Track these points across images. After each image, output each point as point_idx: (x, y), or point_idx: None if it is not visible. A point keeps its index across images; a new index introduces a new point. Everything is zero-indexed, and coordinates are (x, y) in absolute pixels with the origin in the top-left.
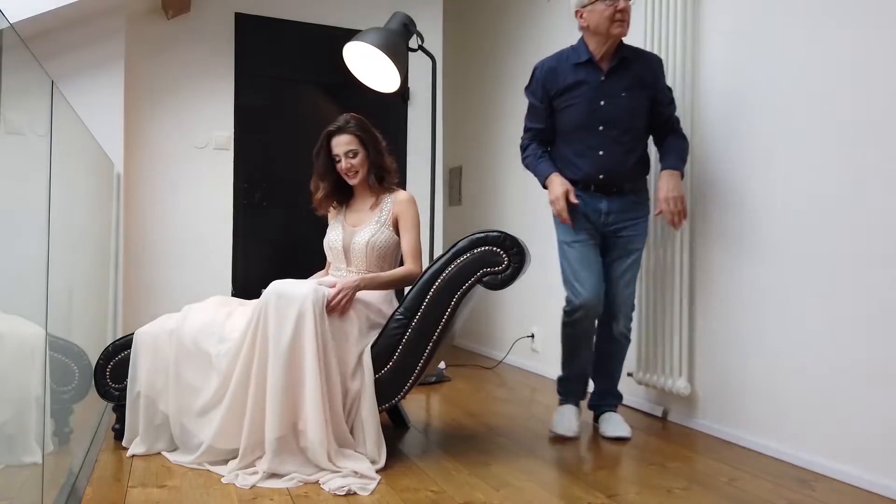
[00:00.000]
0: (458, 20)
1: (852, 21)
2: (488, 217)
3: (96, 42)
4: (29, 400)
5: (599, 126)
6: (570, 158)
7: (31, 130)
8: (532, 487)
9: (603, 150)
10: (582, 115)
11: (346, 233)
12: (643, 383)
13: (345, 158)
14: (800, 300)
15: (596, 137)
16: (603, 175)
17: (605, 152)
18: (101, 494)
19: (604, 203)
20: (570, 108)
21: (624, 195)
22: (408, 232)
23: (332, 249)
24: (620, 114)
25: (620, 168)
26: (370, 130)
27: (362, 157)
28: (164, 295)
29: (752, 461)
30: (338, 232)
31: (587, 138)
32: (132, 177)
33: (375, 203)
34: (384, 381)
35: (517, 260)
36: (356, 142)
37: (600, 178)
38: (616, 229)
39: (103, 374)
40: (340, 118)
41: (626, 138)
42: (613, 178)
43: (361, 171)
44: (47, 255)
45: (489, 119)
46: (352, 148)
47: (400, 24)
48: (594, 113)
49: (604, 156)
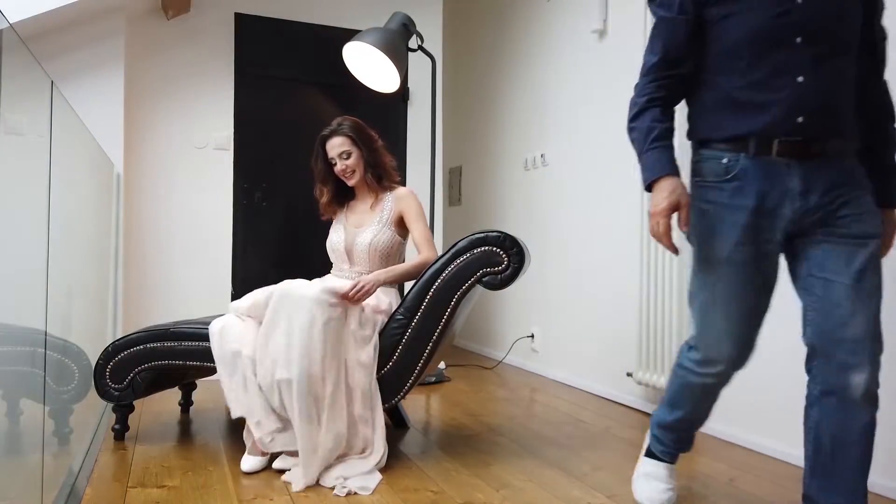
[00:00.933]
0: (458, 20)
1: None
2: (488, 217)
3: (96, 42)
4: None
5: (796, 38)
6: (735, 99)
7: (30, 131)
8: (532, 488)
9: (803, 75)
10: (763, 22)
11: (347, 234)
12: (642, 383)
13: (339, 160)
14: None
15: (791, 56)
16: (804, 118)
17: (808, 79)
18: (101, 494)
19: (795, 177)
20: (738, 15)
21: (832, 160)
22: (415, 223)
23: (334, 251)
24: (829, 18)
25: (835, 105)
26: (363, 130)
27: (356, 156)
28: (163, 295)
29: (753, 461)
30: (339, 233)
31: (774, 58)
32: (132, 177)
33: (376, 202)
34: (384, 380)
35: (517, 260)
36: (348, 142)
37: (798, 121)
38: (827, 214)
39: (103, 374)
40: (333, 122)
41: (841, 61)
42: (821, 123)
43: (358, 171)
44: (47, 255)
45: (489, 119)
46: (345, 149)
47: (400, 24)
48: (785, 17)
49: (805, 84)
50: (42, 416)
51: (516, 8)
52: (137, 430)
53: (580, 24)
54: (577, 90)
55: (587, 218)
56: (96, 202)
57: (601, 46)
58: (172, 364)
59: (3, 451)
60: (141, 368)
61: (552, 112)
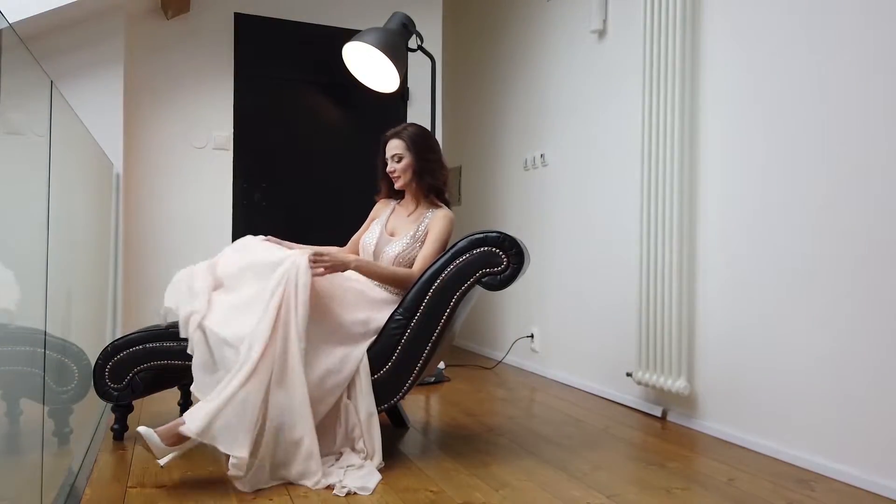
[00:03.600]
0: (458, 20)
1: (854, 20)
2: (488, 217)
3: (96, 42)
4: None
5: None
6: None
7: (30, 130)
8: (532, 487)
9: None
10: None
11: (381, 239)
12: (642, 383)
13: (391, 162)
14: (800, 300)
15: None
16: None
17: None
18: (101, 494)
19: None
20: None
21: None
22: (431, 242)
23: (364, 250)
24: None
25: None
26: (423, 140)
27: (406, 163)
28: (163, 295)
29: (752, 461)
30: (374, 234)
31: None
32: (131, 177)
33: (416, 213)
34: (383, 381)
35: (516, 261)
36: (403, 147)
37: None
38: None
39: (102, 374)
40: (401, 124)
41: None
42: None
43: (404, 177)
44: (46, 255)
45: (489, 119)
46: (398, 152)
47: (399, 24)
48: None
49: None
50: (42, 416)
51: (516, 8)
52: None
53: (580, 24)
54: (577, 90)
55: (587, 218)
56: (96, 202)
57: (601, 46)
58: (171, 364)
59: (3, 450)
60: (140, 368)
61: (552, 112)
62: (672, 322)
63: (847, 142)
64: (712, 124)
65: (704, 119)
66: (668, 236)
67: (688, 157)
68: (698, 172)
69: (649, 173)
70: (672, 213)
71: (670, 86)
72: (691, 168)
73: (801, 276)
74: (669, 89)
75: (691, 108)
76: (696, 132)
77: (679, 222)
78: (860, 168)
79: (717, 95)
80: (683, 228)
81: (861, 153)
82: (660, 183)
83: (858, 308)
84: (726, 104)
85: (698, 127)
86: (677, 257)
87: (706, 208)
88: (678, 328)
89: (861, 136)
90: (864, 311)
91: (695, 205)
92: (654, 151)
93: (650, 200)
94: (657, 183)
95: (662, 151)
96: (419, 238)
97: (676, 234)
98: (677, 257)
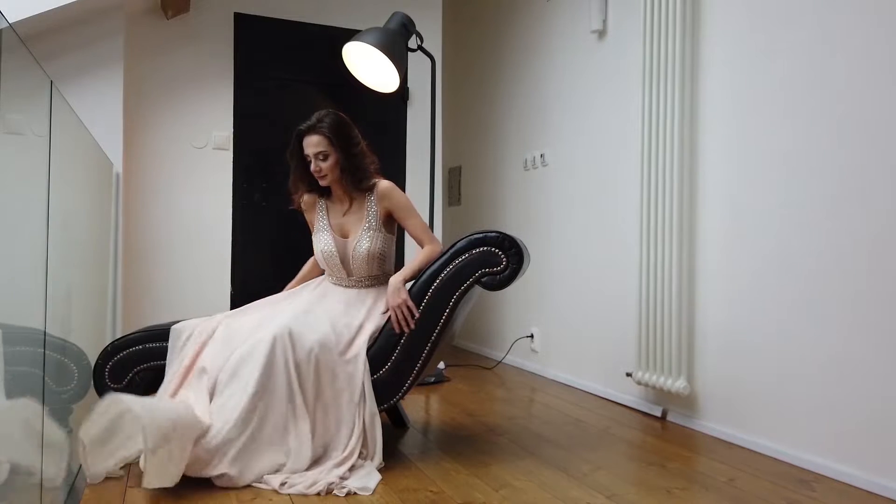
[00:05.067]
0: (458, 20)
1: (854, 20)
2: (487, 217)
3: (95, 42)
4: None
5: None
6: None
7: (30, 130)
8: (532, 487)
9: None
10: None
11: (338, 244)
12: (642, 383)
13: (314, 160)
14: (799, 300)
15: None
16: None
17: None
18: (100, 494)
19: None
20: None
21: None
22: (408, 218)
23: (328, 262)
24: None
25: None
26: (344, 129)
27: (333, 160)
28: (162, 295)
29: (752, 461)
30: (328, 242)
31: None
32: (131, 177)
33: (357, 206)
34: (383, 381)
35: (516, 261)
36: (326, 143)
37: None
38: None
39: (102, 374)
40: (314, 115)
41: None
42: None
43: (331, 175)
44: (46, 255)
45: (489, 119)
46: (321, 150)
47: (399, 24)
48: None
49: None
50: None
51: (516, 8)
52: None
53: (580, 24)
54: (577, 90)
55: (587, 218)
56: (96, 202)
57: (601, 46)
58: None
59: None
60: (140, 368)
61: (552, 112)
62: (672, 322)
63: (848, 141)
64: (712, 124)
65: (704, 119)
66: (667, 236)
67: (687, 157)
68: (698, 172)
69: (649, 173)
70: (672, 213)
71: (670, 86)
72: (691, 168)
73: (800, 276)
74: (669, 89)
75: (691, 108)
76: (696, 132)
77: (679, 222)
78: (861, 168)
79: (717, 95)
80: (683, 228)
81: (862, 153)
82: (659, 183)
83: (858, 308)
84: (726, 104)
85: (698, 127)
86: (677, 257)
87: (706, 208)
88: (678, 328)
89: (863, 135)
90: (863, 311)
91: (695, 205)
92: (653, 151)
93: (650, 200)
94: (657, 183)
95: (662, 151)
96: (375, 225)
97: (676, 234)
98: (677, 257)
